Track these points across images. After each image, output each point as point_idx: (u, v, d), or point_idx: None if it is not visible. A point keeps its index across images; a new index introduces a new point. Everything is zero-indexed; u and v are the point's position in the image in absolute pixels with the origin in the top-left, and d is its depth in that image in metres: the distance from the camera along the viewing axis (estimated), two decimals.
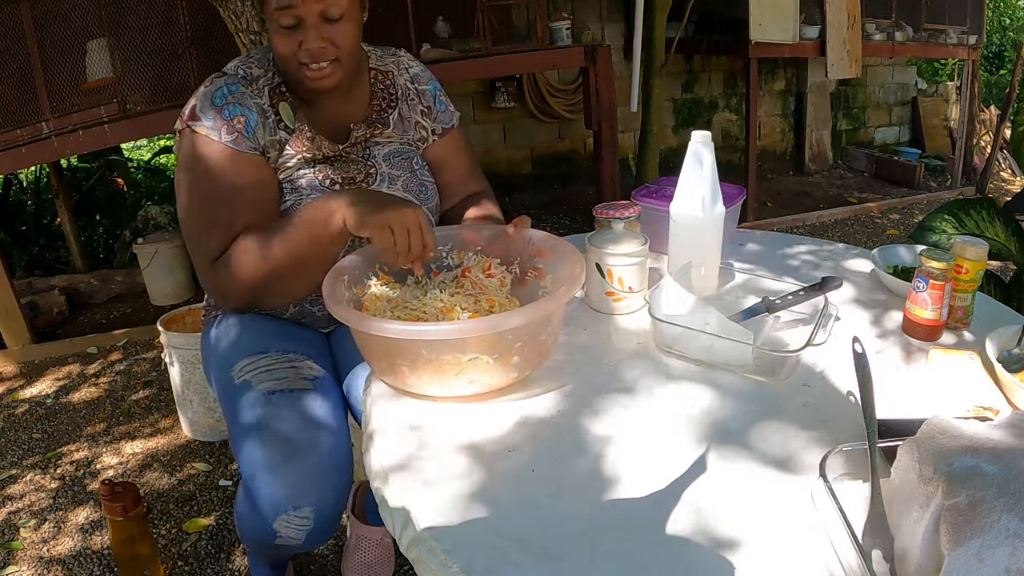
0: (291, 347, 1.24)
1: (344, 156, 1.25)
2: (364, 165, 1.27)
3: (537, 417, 0.90)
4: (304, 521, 1.04)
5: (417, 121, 1.34)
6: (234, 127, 1.15)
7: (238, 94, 1.17)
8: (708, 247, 1.20)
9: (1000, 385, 0.90)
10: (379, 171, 1.28)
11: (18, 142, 2.74)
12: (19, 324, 3.00)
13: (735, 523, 0.72)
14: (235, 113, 1.15)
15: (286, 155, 1.21)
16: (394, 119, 1.32)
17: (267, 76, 1.21)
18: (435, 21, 3.39)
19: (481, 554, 0.69)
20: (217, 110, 1.15)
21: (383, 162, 1.28)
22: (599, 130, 3.62)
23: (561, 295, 0.93)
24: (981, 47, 5.38)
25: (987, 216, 1.90)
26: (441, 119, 1.37)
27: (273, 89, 1.21)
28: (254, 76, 1.20)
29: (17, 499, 2.08)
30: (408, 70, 1.36)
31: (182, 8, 2.77)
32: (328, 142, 1.24)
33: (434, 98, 1.37)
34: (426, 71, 1.38)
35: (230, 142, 1.14)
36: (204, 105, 1.16)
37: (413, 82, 1.35)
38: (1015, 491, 0.59)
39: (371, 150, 1.29)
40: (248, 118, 1.16)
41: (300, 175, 1.21)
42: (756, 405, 0.91)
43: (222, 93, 1.16)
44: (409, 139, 1.34)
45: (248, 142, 1.16)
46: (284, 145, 1.20)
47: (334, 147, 1.24)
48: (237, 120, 1.15)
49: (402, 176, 1.29)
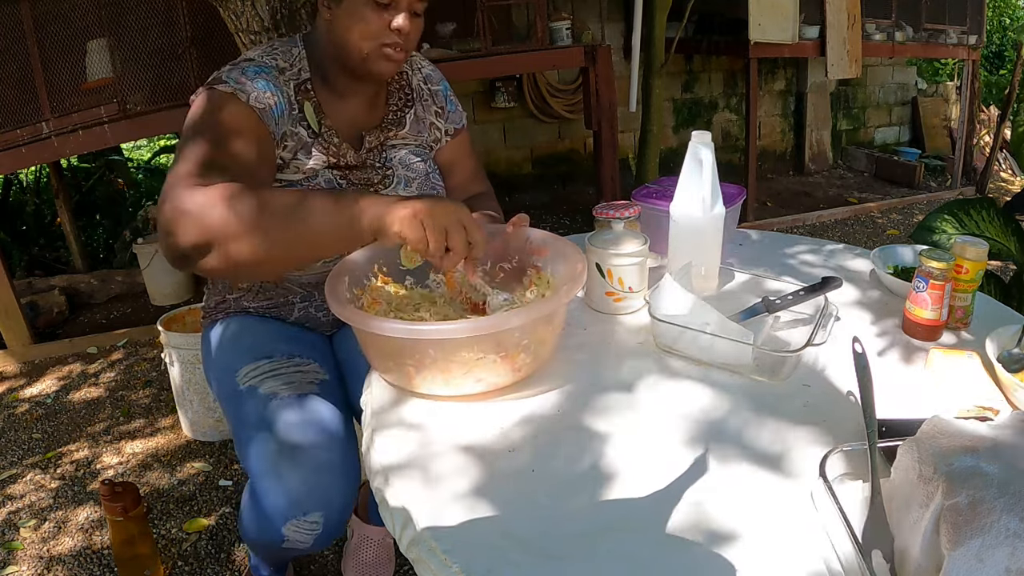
0: (296, 351, 1.24)
1: (363, 163, 1.25)
2: (382, 169, 1.26)
3: (537, 417, 0.90)
4: (314, 526, 1.04)
5: (432, 122, 1.34)
6: (264, 100, 1.09)
7: (271, 76, 1.13)
8: (708, 247, 1.20)
9: (1000, 385, 0.90)
10: (395, 174, 1.27)
11: (18, 142, 2.74)
12: (19, 324, 3.00)
13: (735, 523, 0.72)
14: (267, 89, 1.10)
15: (313, 157, 1.18)
16: (410, 119, 1.31)
17: (293, 70, 1.18)
18: (436, 21, 3.38)
19: (481, 554, 0.69)
20: (248, 78, 1.10)
21: (399, 165, 1.28)
22: (599, 130, 3.62)
23: (567, 292, 0.93)
24: (981, 47, 5.38)
25: (987, 216, 1.90)
26: (453, 119, 1.37)
27: (299, 84, 1.18)
28: (280, 67, 1.16)
29: (17, 499, 2.08)
30: (421, 70, 1.35)
31: (182, 8, 2.77)
32: (352, 151, 1.22)
33: (446, 98, 1.36)
34: (437, 71, 1.37)
35: (258, 109, 1.08)
36: (233, 72, 1.10)
37: (426, 82, 1.34)
38: (1015, 491, 0.59)
39: (388, 153, 1.28)
40: (278, 99, 1.12)
41: (319, 176, 1.19)
42: (756, 405, 0.91)
43: (254, 69, 1.12)
44: (424, 140, 1.33)
45: (271, 120, 1.10)
46: (305, 144, 1.17)
47: (357, 155, 1.23)
48: (268, 96, 1.10)
49: (417, 179, 1.29)
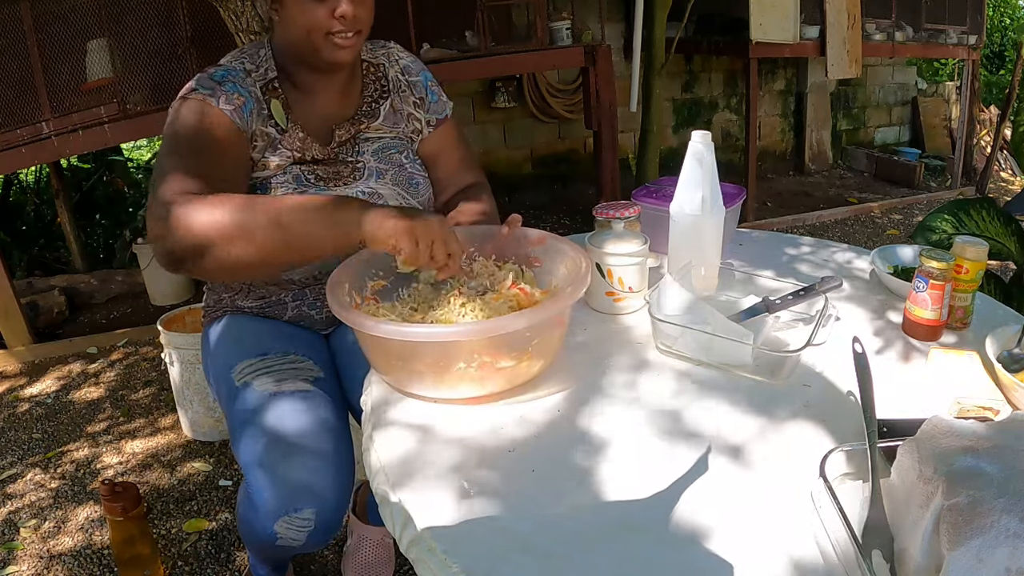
0: (291, 348, 1.24)
1: (333, 157, 1.25)
2: (352, 163, 1.27)
3: (537, 417, 0.90)
4: (305, 523, 1.04)
5: (410, 113, 1.34)
6: (233, 101, 1.15)
7: (238, 78, 1.18)
8: (708, 247, 1.20)
9: (1000, 385, 0.90)
10: (366, 166, 1.27)
11: (18, 142, 2.74)
12: (19, 324, 3.00)
13: (735, 523, 0.72)
14: (235, 91, 1.16)
15: (279, 153, 1.20)
16: (385, 110, 1.31)
17: (259, 71, 1.22)
18: (441, 23, 3.39)
19: (481, 554, 0.69)
20: (218, 84, 1.15)
21: (371, 157, 1.28)
22: (599, 130, 3.62)
23: (573, 292, 0.92)
24: (981, 47, 5.37)
25: (987, 216, 1.89)
26: (434, 109, 1.36)
27: (266, 84, 1.21)
28: (247, 70, 1.21)
29: (17, 498, 2.08)
30: (398, 62, 1.35)
31: (182, 8, 2.77)
32: (318, 145, 1.24)
33: (426, 88, 1.36)
34: (417, 62, 1.37)
35: (228, 111, 1.14)
36: (203, 81, 1.16)
37: (404, 74, 1.34)
38: (1015, 491, 0.59)
39: (359, 147, 1.28)
40: (246, 101, 1.17)
41: (287, 172, 1.21)
42: (756, 405, 0.91)
43: (221, 74, 1.17)
44: (400, 132, 1.33)
45: (242, 121, 1.15)
46: (273, 141, 1.20)
47: (324, 150, 1.24)
48: (236, 98, 1.15)
49: (390, 170, 1.29)
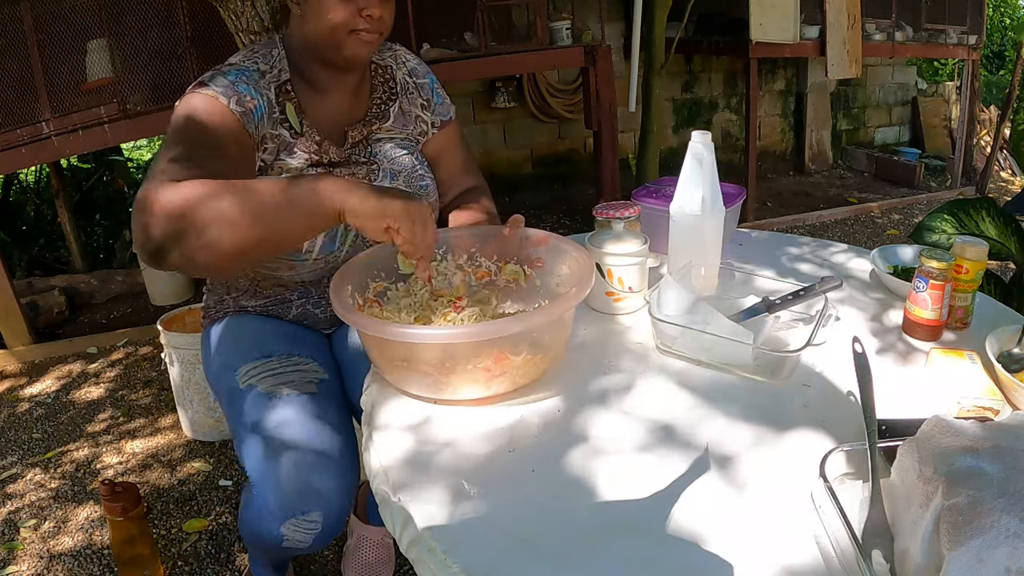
0: (295, 350, 1.24)
1: (347, 159, 1.25)
2: (367, 164, 1.26)
3: (537, 417, 0.90)
4: (313, 525, 1.04)
5: (417, 115, 1.34)
6: (245, 104, 1.10)
7: (252, 80, 1.13)
8: (708, 247, 1.20)
9: (1000, 385, 0.90)
10: (381, 167, 1.27)
11: (18, 142, 2.74)
12: (19, 324, 3.00)
13: (735, 523, 0.72)
14: (247, 92, 1.11)
15: (296, 156, 1.18)
16: (395, 112, 1.31)
17: (273, 72, 1.18)
18: (441, 23, 3.39)
19: (481, 554, 0.69)
20: (230, 83, 1.10)
21: (384, 158, 1.28)
22: (599, 130, 3.62)
23: (577, 293, 0.92)
24: (981, 47, 5.37)
25: (987, 216, 1.89)
26: (439, 112, 1.37)
27: (280, 86, 1.18)
28: (262, 71, 1.17)
29: (17, 498, 2.08)
30: (405, 64, 1.35)
31: (182, 8, 2.77)
32: (335, 147, 1.23)
33: (432, 90, 1.36)
34: (423, 64, 1.38)
35: (238, 112, 1.08)
36: (215, 77, 1.10)
37: (411, 76, 1.35)
38: (1015, 491, 0.59)
39: (373, 148, 1.28)
40: (258, 103, 1.12)
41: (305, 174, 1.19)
42: (756, 405, 0.91)
43: (235, 73, 1.12)
44: (409, 133, 1.33)
45: (251, 124, 1.11)
46: (287, 145, 1.18)
47: (340, 152, 1.23)
48: (249, 100, 1.11)
49: (403, 172, 1.29)
